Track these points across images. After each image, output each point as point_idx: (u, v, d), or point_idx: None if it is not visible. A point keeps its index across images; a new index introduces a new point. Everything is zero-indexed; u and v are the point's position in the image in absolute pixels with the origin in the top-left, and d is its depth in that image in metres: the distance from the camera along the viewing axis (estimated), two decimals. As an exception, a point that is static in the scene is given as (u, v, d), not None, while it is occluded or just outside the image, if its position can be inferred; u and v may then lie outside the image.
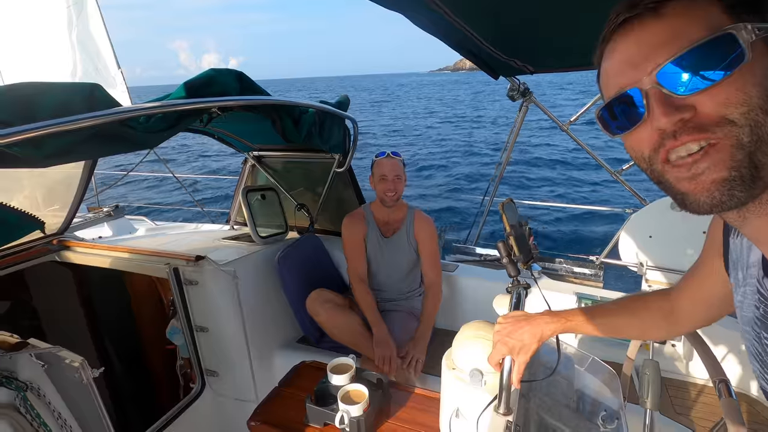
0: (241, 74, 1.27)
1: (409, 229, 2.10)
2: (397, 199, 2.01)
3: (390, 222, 2.11)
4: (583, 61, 1.99)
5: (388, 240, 2.10)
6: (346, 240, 2.10)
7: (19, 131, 0.69)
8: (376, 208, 2.13)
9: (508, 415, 0.86)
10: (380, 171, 1.99)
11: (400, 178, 2.00)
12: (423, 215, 2.13)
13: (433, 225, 2.14)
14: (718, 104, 0.40)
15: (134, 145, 1.04)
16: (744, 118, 0.39)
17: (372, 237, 2.10)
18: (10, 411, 1.07)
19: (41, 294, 2.19)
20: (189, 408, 1.92)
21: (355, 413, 1.17)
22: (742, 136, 0.39)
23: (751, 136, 0.39)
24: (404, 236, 2.10)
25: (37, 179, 1.97)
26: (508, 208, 1.01)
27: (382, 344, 1.82)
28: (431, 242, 2.10)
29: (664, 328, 0.79)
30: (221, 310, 1.89)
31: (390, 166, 1.98)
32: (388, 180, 1.97)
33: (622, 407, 0.98)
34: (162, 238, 2.50)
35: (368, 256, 2.11)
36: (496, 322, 0.90)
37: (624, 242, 2.15)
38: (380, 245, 2.10)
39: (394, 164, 1.99)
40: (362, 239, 2.09)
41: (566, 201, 8.18)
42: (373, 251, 2.11)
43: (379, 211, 2.12)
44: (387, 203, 2.01)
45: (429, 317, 2.00)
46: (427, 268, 2.10)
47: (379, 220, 2.12)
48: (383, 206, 2.06)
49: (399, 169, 2.00)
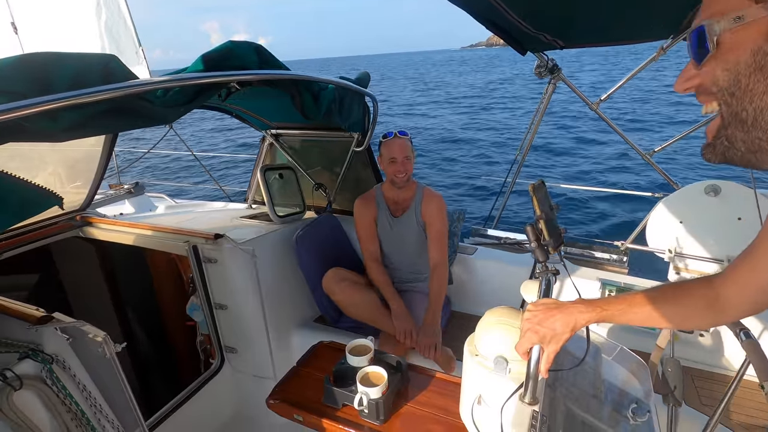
0: (259, 47, 1.22)
1: (417, 208, 2.06)
2: (407, 179, 1.97)
3: (399, 201, 2.08)
4: (616, 35, 1.88)
5: (397, 220, 2.07)
6: (357, 222, 2.08)
7: (35, 103, 0.67)
8: (386, 188, 2.10)
9: (535, 404, 0.83)
10: (389, 152, 1.94)
11: (409, 158, 1.96)
12: (432, 193, 2.08)
13: (442, 201, 2.07)
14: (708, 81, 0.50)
15: (151, 120, 1.02)
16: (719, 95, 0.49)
17: (382, 218, 2.08)
18: (36, 383, 1.09)
19: (66, 268, 2.24)
20: (209, 383, 1.96)
21: (374, 395, 1.16)
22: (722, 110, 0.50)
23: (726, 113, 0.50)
24: (413, 216, 2.06)
25: (59, 156, 1.98)
26: (539, 190, 0.96)
27: (401, 317, 1.82)
28: (438, 220, 2.02)
29: (709, 317, 0.75)
30: (240, 288, 1.90)
31: (399, 146, 1.93)
32: (398, 161, 1.93)
33: (651, 399, 0.94)
34: (181, 216, 2.52)
35: (380, 236, 2.09)
36: (523, 309, 0.87)
37: (652, 227, 2.07)
38: (390, 226, 2.08)
39: (403, 144, 1.94)
40: (373, 221, 2.07)
41: (590, 184, 7.94)
42: (383, 232, 2.09)
43: (389, 191, 2.09)
44: (398, 184, 1.98)
45: (436, 300, 1.90)
46: (431, 247, 2.02)
47: (389, 199, 2.10)
48: (393, 186, 2.02)
49: (407, 149, 1.95)
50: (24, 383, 1.03)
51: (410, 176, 1.99)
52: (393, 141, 1.94)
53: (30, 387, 1.08)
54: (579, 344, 0.92)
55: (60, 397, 1.13)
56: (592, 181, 8.46)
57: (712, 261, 1.88)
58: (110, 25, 4.13)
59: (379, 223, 2.08)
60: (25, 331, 1.10)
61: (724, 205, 1.83)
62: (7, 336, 1.13)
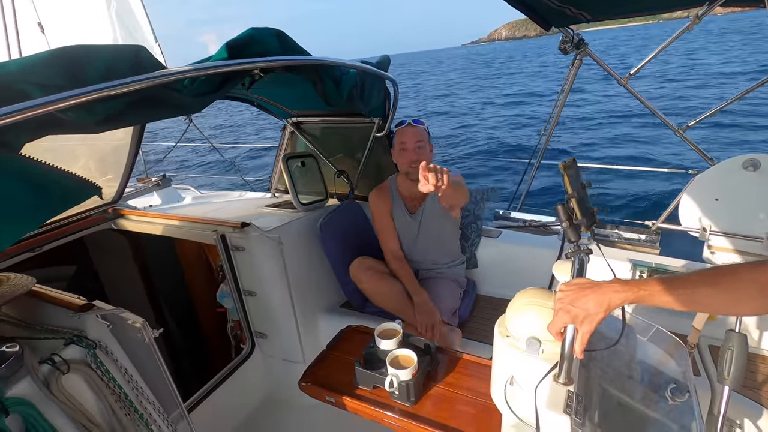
0: (280, 32, 1.22)
1: (434, 198, 1.95)
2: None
3: (415, 197, 2.00)
4: (646, 4, 1.79)
5: (415, 216, 2.01)
6: (374, 215, 2.05)
7: (72, 95, 0.69)
8: (401, 181, 2.02)
9: (569, 384, 0.83)
10: (400, 139, 1.85)
11: (424, 147, 1.86)
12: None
13: (459, 176, 1.87)
14: None
15: (179, 110, 1.03)
16: None
17: (398, 212, 2.02)
18: (82, 366, 1.15)
19: (101, 259, 2.33)
20: (241, 367, 2.02)
21: (404, 377, 1.17)
22: None
23: None
24: (431, 208, 1.99)
25: (90, 151, 2.04)
26: (571, 168, 0.93)
27: (423, 311, 1.80)
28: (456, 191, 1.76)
29: (759, 302, 0.71)
30: (267, 275, 1.94)
31: (411, 134, 1.84)
32: (409, 150, 1.84)
33: (691, 380, 0.92)
34: (208, 206, 2.58)
35: (398, 231, 2.04)
36: (556, 289, 0.85)
37: (685, 205, 1.99)
38: (408, 221, 2.02)
39: (416, 132, 1.85)
40: (388, 213, 2.02)
41: (618, 162, 7.68)
42: (401, 227, 2.04)
43: (403, 185, 2.01)
44: (412, 176, 1.86)
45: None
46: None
47: (404, 194, 2.02)
48: (408, 179, 1.92)
49: (422, 137, 1.85)
50: (71, 367, 1.08)
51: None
52: (405, 129, 1.87)
53: (76, 371, 1.13)
54: (612, 325, 0.90)
55: (104, 381, 1.18)
56: (621, 159, 8.19)
57: (751, 239, 1.80)
58: (127, 23, 4.23)
59: (395, 216, 2.03)
60: (69, 319, 1.15)
61: (764, 179, 1.75)
62: (52, 323, 1.18)
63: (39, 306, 1.23)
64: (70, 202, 0.88)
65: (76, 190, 0.87)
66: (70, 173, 0.85)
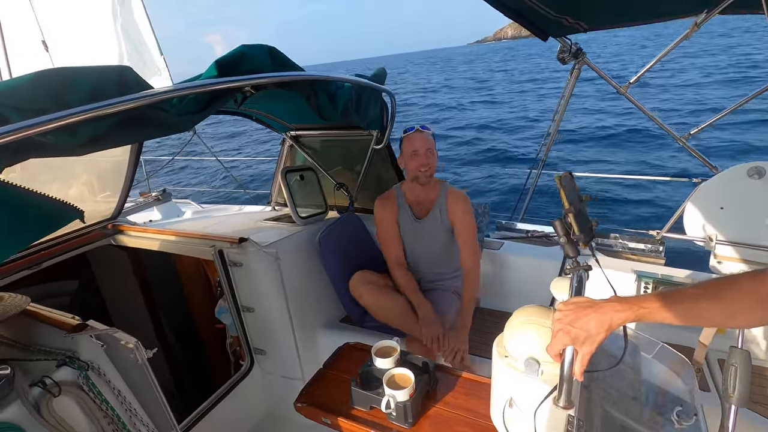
0: (272, 49, 1.22)
1: (443, 208, 1.97)
2: (431, 174, 1.90)
3: (422, 202, 2.00)
4: (644, 12, 1.78)
5: (421, 222, 2.00)
6: (378, 224, 2.03)
7: (53, 119, 0.68)
8: (407, 188, 2.02)
9: (570, 408, 0.79)
10: (411, 146, 1.87)
11: (432, 152, 1.88)
12: (456, 192, 2.00)
13: (468, 202, 1.99)
14: None
15: (168, 129, 1.02)
16: None
17: (404, 219, 2.01)
18: (74, 389, 1.13)
19: (102, 275, 2.33)
20: (240, 384, 2.00)
21: (401, 398, 1.14)
22: None
23: None
24: (437, 216, 1.98)
25: (89, 167, 2.05)
26: (566, 181, 0.91)
27: (429, 324, 1.77)
28: (466, 221, 1.95)
29: (759, 314, 0.68)
30: (265, 290, 1.92)
31: (421, 140, 1.86)
32: (420, 154, 1.86)
33: (698, 401, 0.88)
34: (207, 221, 2.57)
35: (402, 238, 2.03)
36: (554, 308, 0.82)
37: (690, 214, 1.95)
38: (413, 228, 2.01)
39: (424, 137, 1.87)
40: (395, 221, 2.01)
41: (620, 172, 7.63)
42: (406, 234, 2.02)
43: (410, 191, 2.01)
44: (421, 180, 1.89)
45: (468, 305, 1.88)
46: (464, 250, 1.95)
47: (410, 200, 2.01)
48: (416, 185, 1.94)
49: (430, 143, 1.88)
50: (62, 390, 1.06)
51: (434, 171, 1.91)
52: (414, 135, 1.88)
53: (68, 393, 1.11)
54: (616, 342, 0.87)
55: (96, 403, 1.16)
56: (624, 167, 8.14)
57: (758, 248, 1.76)
58: (132, 37, 4.28)
59: (401, 223, 2.02)
60: (62, 339, 1.14)
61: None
62: (45, 344, 1.17)
63: (33, 326, 1.22)
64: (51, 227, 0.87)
65: (56, 214, 0.86)
66: (49, 197, 0.84)
